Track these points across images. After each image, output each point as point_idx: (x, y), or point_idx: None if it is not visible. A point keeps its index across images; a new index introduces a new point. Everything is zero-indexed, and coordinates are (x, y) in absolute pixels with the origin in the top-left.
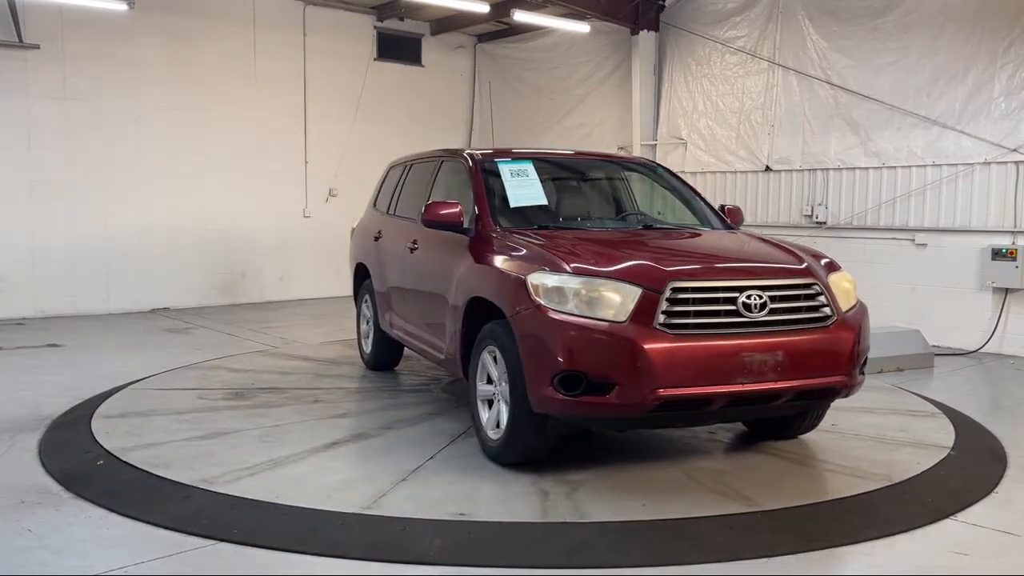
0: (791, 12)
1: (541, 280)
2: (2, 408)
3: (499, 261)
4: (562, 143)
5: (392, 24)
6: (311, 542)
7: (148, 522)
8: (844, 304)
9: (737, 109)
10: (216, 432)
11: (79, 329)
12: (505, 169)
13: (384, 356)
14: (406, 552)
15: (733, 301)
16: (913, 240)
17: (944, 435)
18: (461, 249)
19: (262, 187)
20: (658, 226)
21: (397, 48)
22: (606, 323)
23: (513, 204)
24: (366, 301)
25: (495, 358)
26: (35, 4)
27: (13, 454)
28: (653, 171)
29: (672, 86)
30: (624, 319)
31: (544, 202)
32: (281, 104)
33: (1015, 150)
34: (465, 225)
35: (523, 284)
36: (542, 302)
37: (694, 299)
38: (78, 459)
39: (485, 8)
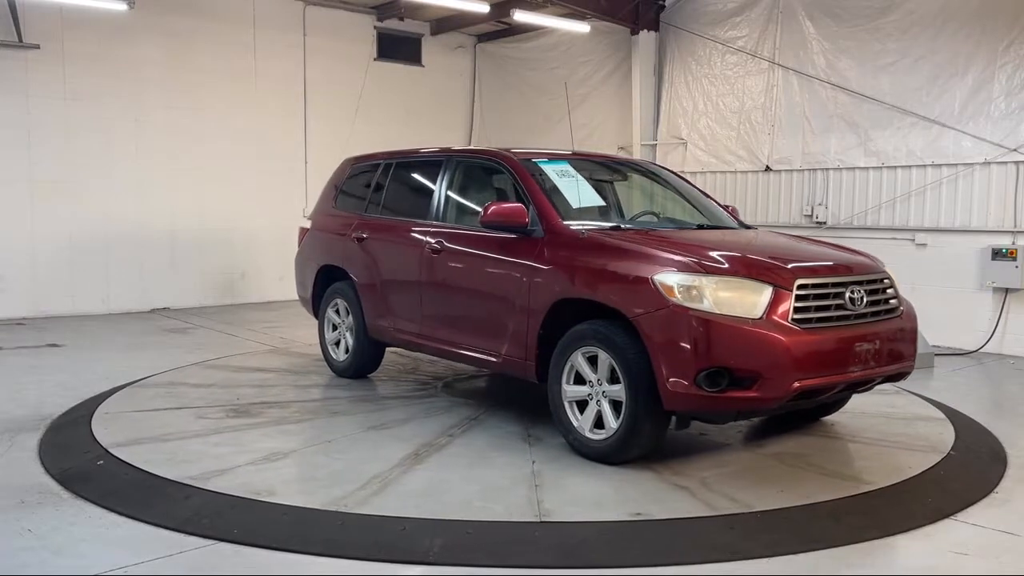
0: (791, 12)
1: (673, 279)
2: (2, 408)
3: (602, 262)
4: (563, 143)
5: (392, 24)
6: (311, 542)
7: (148, 522)
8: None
9: (737, 109)
10: (275, 453)
11: (79, 329)
12: (551, 169)
13: (366, 362)
14: (406, 552)
15: (841, 296)
16: (913, 240)
17: (944, 435)
18: (525, 250)
19: (262, 187)
20: (708, 225)
21: (397, 48)
22: (748, 320)
23: (576, 205)
24: (334, 307)
25: (591, 359)
26: (35, 4)
27: (13, 454)
28: (657, 173)
29: (672, 86)
30: (759, 315)
31: (603, 202)
32: (281, 104)
33: (1015, 150)
34: (530, 227)
35: (649, 284)
36: (678, 301)
37: (814, 295)
38: (78, 459)
39: (485, 8)
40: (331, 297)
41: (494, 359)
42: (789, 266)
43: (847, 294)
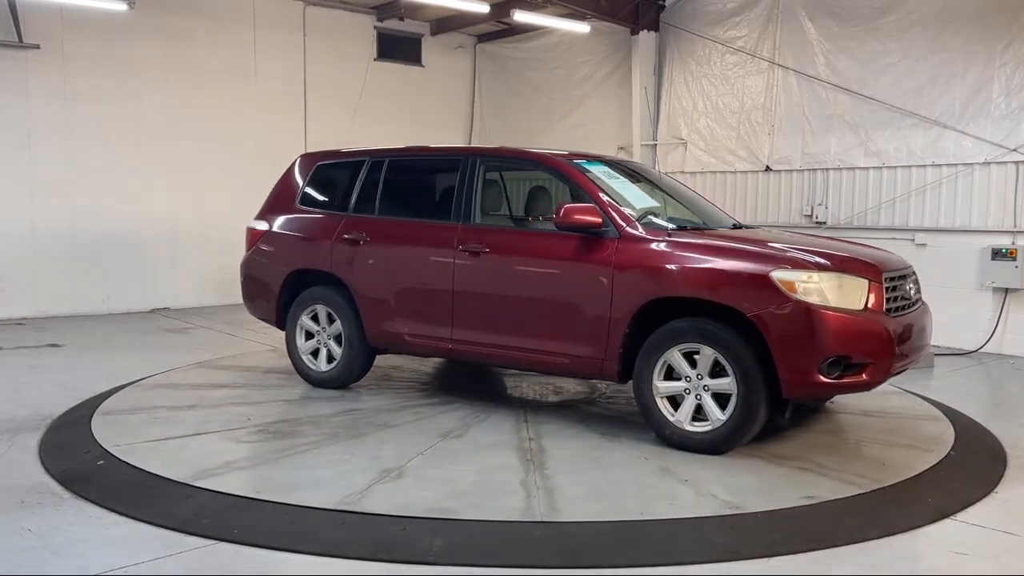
0: (791, 12)
1: (792, 276)
2: (2, 408)
3: (705, 261)
4: (563, 143)
5: (392, 24)
6: (311, 542)
7: (148, 522)
8: None
9: (737, 109)
10: (386, 470)
11: (79, 329)
12: (598, 171)
13: (357, 372)
14: (406, 552)
15: (903, 287)
16: (913, 240)
17: (944, 435)
18: (599, 251)
19: (262, 187)
20: (741, 225)
21: (397, 48)
22: (855, 311)
23: (638, 205)
24: (310, 313)
25: (687, 355)
26: (35, 4)
27: (13, 454)
28: (648, 173)
29: (672, 86)
30: (862, 307)
31: (653, 202)
32: (281, 104)
33: (1015, 150)
34: (603, 227)
35: (768, 281)
36: (799, 297)
37: (891, 287)
38: (78, 459)
39: (485, 8)
40: (306, 303)
41: (562, 361)
42: (872, 261)
43: (906, 285)
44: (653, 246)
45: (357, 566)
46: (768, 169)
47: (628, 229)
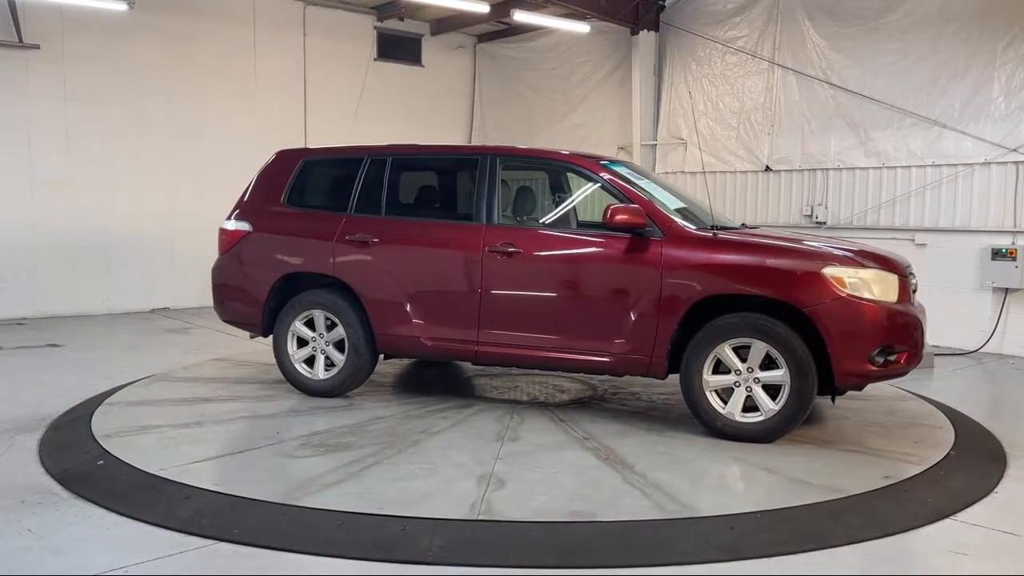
0: (791, 12)
1: (841, 273)
2: (2, 408)
3: (757, 260)
4: (562, 143)
5: (392, 24)
6: (311, 542)
7: (148, 522)
8: None
9: (737, 109)
10: (483, 476)
11: (79, 329)
12: (626, 172)
13: (361, 377)
14: (406, 552)
15: (913, 283)
16: (913, 240)
17: (944, 435)
18: (645, 251)
19: None
20: (751, 224)
21: (397, 48)
22: (892, 303)
23: (672, 206)
24: (305, 319)
25: (736, 349)
26: (35, 4)
27: (13, 454)
28: (649, 174)
29: (672, 86)
30: (895, 300)
31: (681, 203)
32: (281, 104)
33: (1015, 150)
34: (647, 228)
35: (820, 277)
36: (849, 292)
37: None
38: (78, 459)
39: (485, 8)
40: (301, 308)
41: (604, 360)
42: (894, 257)
43: (913, 280)
44: (704, 245)
45: (357, 566)
46: (768, 169)
47: (673, 229)
